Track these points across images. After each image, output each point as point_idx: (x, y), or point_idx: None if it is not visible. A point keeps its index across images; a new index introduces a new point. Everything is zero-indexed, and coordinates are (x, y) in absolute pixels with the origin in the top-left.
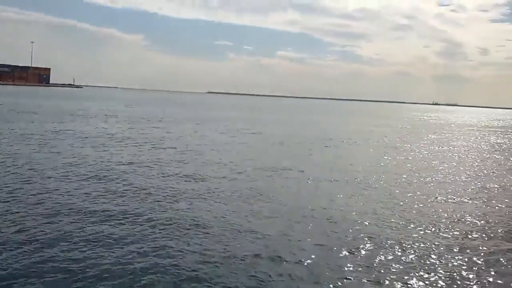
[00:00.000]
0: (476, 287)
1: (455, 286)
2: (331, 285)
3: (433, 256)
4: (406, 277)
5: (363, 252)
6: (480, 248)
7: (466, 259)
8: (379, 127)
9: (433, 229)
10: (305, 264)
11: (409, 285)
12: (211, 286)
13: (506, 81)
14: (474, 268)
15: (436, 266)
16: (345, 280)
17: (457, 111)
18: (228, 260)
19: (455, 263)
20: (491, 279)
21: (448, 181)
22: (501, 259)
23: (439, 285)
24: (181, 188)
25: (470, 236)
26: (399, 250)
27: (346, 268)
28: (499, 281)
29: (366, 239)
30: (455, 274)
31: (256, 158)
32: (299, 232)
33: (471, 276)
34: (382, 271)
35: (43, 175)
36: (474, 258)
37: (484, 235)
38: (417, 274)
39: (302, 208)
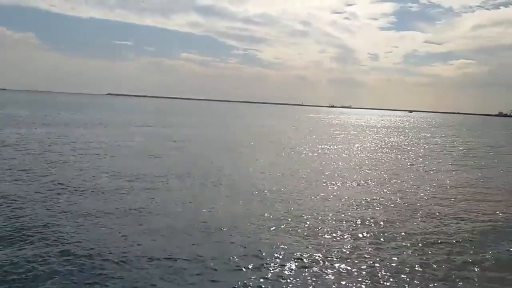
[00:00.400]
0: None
1: (348, 267)
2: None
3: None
4: (300, 274)
5: (255, 252)
6: (365, 235)
7: (354, 246)
8: (278, 128)
9: (326, 219)
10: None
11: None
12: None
13: (393, 85)
14: (367, 252)
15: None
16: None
17: (351, 113)
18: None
19: (347, 248)
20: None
21: (341, 176)
22: (385, 243)
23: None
24: (57, 198)
25: (356, 225)
26: (290, 247)
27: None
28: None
29: (257, 240)
30: (349, 261)
31: (150, 163)
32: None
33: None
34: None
35: None
36: (361, 243)
37: (370, 224)
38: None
39: (190, 213)
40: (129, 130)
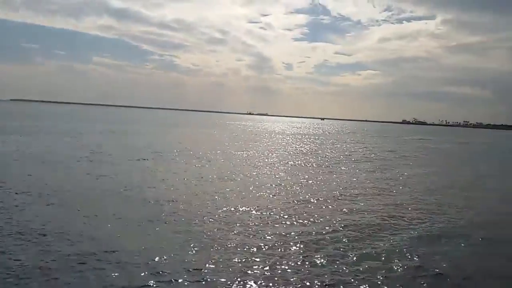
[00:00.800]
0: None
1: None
2: None
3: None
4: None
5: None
6: (265, 237)
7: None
8: (197, 135)
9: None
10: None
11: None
12: None
13: (307, 93)
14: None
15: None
16: None
17: (268, 120)
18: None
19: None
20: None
21: (256, 181)
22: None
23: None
24: None
25: (258, 227)
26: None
27: None
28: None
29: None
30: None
31: (60, 174)
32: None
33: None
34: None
35: None
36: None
37: (272, 225)
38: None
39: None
40: (34, 137)
